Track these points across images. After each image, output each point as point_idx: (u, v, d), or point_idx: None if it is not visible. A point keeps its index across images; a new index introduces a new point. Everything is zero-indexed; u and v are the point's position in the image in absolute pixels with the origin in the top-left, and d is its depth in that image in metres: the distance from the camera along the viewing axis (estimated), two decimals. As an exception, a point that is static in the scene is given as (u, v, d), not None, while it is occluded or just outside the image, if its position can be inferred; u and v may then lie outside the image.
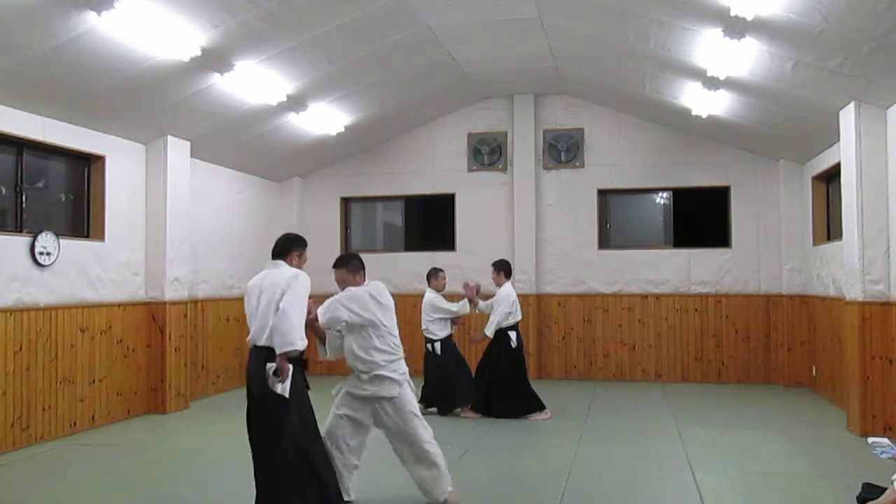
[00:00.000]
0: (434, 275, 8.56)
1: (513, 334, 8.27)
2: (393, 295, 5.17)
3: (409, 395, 5.04)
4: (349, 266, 5.07)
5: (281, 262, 4.69)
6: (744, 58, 6.93)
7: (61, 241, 7.39)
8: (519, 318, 8.37)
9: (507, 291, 8.28)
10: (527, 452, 6.89)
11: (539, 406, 8.22)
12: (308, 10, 6.88)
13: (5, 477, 6.01)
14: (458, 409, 8.34)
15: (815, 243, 9.80)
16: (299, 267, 4.76)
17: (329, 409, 5.03)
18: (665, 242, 11.19)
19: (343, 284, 5.04)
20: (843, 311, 7.74)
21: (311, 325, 4.81)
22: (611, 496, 5.50)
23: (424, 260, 11.25)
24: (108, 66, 6.64)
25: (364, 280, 5.08)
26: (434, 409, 8.30)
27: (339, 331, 4.99)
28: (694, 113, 9.18)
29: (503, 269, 8.48)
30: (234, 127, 9.02)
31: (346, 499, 4.90)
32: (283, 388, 4.40)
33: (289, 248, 4.78)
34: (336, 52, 7.93)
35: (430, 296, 8.38)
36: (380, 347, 4.91)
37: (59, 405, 7.34)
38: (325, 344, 5.11)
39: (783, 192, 10.51)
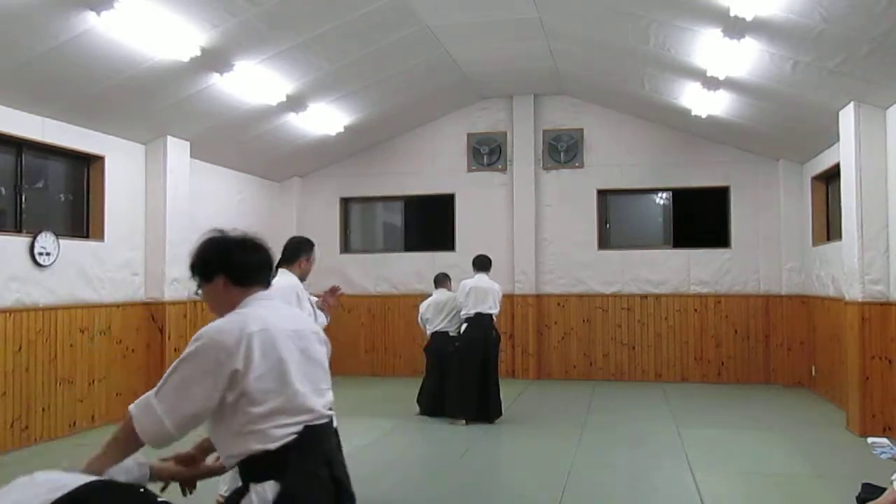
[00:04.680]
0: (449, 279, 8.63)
1: (462, 327, 8.06)
2: (393, 295, 5.14)
3: None
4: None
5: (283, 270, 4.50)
6: (743, 58, 6.93)
7: (61, 241, 7.38)
8: (474, 310, 7.93)
9: (465, 282, 8.09)
10: (526, 452, 6.89)
11: (452, 412, 7.92)
12: (308, 10, 6.87)
13: (4, 477, 5.97)
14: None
15: (814, 243, 9.79)
16: (308, 271, 4.67)
17: None
18: (664, 242, 11.18)
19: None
20: (843, 311, 7.74)
21: None
22: (610, 496, 5.50)
23: (424, 260, 11.25)
24: (108, 66, 6.63)
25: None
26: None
27: None
28: (693, 113, 9.17)
29: (472, 263, 8.32)
30: (233, 127, 9.02)
31: None
32: None
33: (297, 253, 4.64)
34: (336, 52, 7.92)
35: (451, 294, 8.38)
36: None
37: (58, 405, 7.33)
38: None
39: (783, 193, 10.50)
